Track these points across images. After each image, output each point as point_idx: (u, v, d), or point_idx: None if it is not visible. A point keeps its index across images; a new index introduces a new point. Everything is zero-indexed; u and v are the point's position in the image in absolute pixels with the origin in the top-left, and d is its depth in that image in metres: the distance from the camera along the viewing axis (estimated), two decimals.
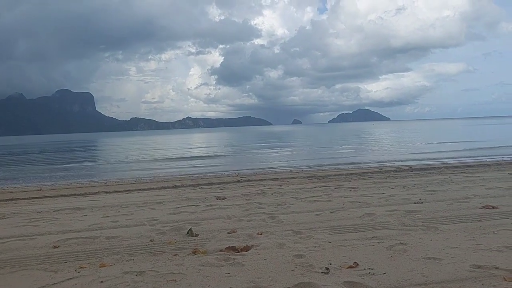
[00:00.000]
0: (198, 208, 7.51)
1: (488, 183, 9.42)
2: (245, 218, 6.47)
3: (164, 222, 6.45)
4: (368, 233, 5.31)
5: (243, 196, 8.79)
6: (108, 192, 10.97)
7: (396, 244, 4.72)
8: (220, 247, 4.88)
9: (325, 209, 6.96)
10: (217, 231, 5.69)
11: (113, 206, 8.30)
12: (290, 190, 9.60)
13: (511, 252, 4.28)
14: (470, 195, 7.80)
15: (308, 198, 8.26)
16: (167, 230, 5.85)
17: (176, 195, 9.44)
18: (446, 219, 5.93)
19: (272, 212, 6.86)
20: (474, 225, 5.53)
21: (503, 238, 4.82)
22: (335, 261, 4.19)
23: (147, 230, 5.92)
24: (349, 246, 4.74)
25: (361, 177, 12.14)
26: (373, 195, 8.27)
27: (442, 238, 4.94)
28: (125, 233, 5.80)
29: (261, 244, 4.90)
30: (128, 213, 7.36)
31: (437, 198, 7.64)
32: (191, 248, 4.88)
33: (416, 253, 4.35)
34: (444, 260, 4.08)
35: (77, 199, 9.94)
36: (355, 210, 6.78)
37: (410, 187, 9.26)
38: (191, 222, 6.29)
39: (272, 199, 8.30)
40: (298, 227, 5.79)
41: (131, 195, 10.12)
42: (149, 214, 7.20)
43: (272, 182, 11.63)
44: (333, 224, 5.86)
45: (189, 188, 10.92)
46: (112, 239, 5.52)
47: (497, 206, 6.66)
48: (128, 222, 6.55)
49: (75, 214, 7.58)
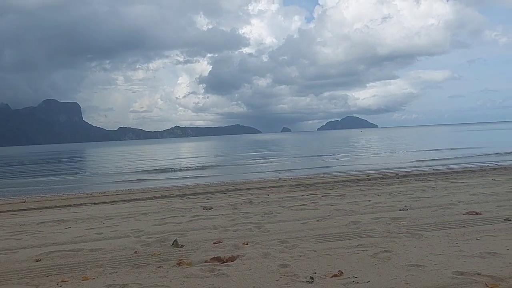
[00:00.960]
0: (184, 219, 7.46)
1: (472, 189, 9.53)
2: (231, 228, 6.44)
3: (149, 233, 6.39)
4: (354, 241, 5.33)
5: (230, 206, 8.76)
6: (93, 204, 10.84)
7: (381, 251, 4.74)
8: (205, 258, 4.84)
9: (311, 218, 6.96)
10: (202, 242, 5.65)
11: (97, 217, 8.21)
12: (277, 199, 9.59)
13: (493, 258, 4.32)
14: (455, 202, 7.88)
15: (295, 206, 8.26)
16: (152, 242, 5.80)
17: (162, 206, 9.37)
18: (430, 225, 5.97)
19: (259, 222, 6.85)
20: (457, 231, 5.58)
21: (485, 244, 4.86)
22: (319, 270, 4.18)
23: (131, 242, 5.86)
24: (334, 254, 4.74)
25: (348, 184, 12.20)
26: (360, 203, 8.30)
27: (426, 245, 4.97)
28: (109, 245, 5.73)
29: (246, 254, 4.88)
30: (112, 225, 7.28)
31: (422, 205, 7.70)
32: (176, 260, 4.84)
33: (400, 261, 4.37)
34: (427, 267, 4.11)
35: (61, 211, 9.80)
36: (341, 218, 6.80)
37: (396, 194, 9.32)
38: (176, 233, 6.24)
39: (259, 208, 8.29)
40: (284, 236, 5.78)
41: (116, 206, 10.02)
42: (134, 225, 7.13)
43: (259, 191, 11.62)
44: (319, 233, 5.86)
45: (176, 199, 10.85)
46: (95, 252, 5.44)
47: (480, 212, 6.73)
48: (112, 234, 6.48)
49: (59, 227, 7.48)
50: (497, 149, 29.89)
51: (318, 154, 36.76)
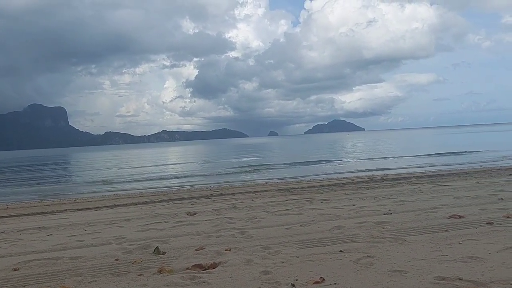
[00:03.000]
0: (167, 225, 7.37)
1: (456, 192, 9.61)
2: (215, 234, 6.38)
3: (131, 240, 6.29)
4: (337, 246, 5.30)
5: (214, 211, 8.69)
6: (77, 210, 10.66)
7: (364, 257, 4.72)
8: (187, 265, 4.77)
9: (295, 223, 6.93)
10: (185, 249, 5.58)
11: (80, 224, 8.07)
12: (262, 203, 9.55)
13: (475, 263, 4.33)
14: (438, 205, 7.92)
15: (279, 211, 8.23)
16: (134, 249, 5.70)
17: (145, 212, 9.26)
18: (413, 230, 5.99)
19: (242, 227, 6.79)
20: (440, 235, 5.60)
21: (468, 248, 4.88)
22: (301, 277, 4.14)
23: (112, 249, 5.75)
24: (316, 260, 4.71)
25: (333, 188, 12.22)
26: (344, 207, 8.30)
27: (408, 249, 4.97)
28: (89, 253, 5.63)
29: (228, 261, 4.82)
30: (94, 232, 7.16)
31: (406, 209, 7.72)
32: (157, 267, 4.76)
33: (382, 266, 4.36)
34: (409, 273, 4.10)
35: (43, 217, 9.62)
36: (325, 223, 6.77)
37: (380, 198, 9.35)
38: (158, 240, 6.15)
39: (243, 213, 8.23)
40: (267, 242, 5.73)
41: (99, 212, 9.88)
42: (117, 232, 7.01)
43: (244, 195, 11.56)
44: (302, 238, 5.83)
45: (160, 204, 10.73)
46: (75, 260, 5.33)
47: (463, 215, 6.77)
48: (94, 241, 6.36)
49: (40, 234, 7.33)
50: (481, 151, 30.31)
51: (305, 158, 36.80)
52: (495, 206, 7.53)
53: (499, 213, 6.82)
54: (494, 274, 3.94)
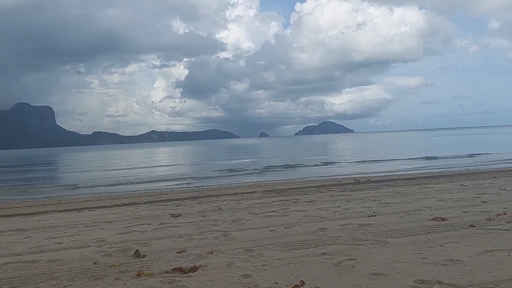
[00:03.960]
0: (149, 227, 7.26)
1: (440, 195, 9.64)
2: (197, 237, 6.29)
3: (111, 242, 6.17)
4: (319, 249, 5.26)
5: (198, 213, 8.60)
6: (58, 211, 10.48)
7: (345, 260, 4.69)
8: (167, 269, 4.69)
9: (279, 225, 6.88)
10: (166, 251, 5.49)
11: (60, 226, 7.92)
12: (248, 205, 9.49)
13: (455, 266, 4.32)
14: (422, 207, 7.94)
15: (264, 213, 8.17)
16: (114, 252, 5.60)
17: (129, 213, 9.13)
18: (396, 232, 5.98)
19: (226, 229, 6.72)
20: (422, 238, 5.59)
21: (448, 251, 4.87)
22: (281, 280, 4.09)
23: (91, 252, 5.64)
24: (298, 263, 4.66)
25: (320, 190, 12.20)
26: (329, 209, 8.28)
27: (390, 252, 4.95)
28: (67, 256, 5.51)
29: (209, 264, 4.75)
30: (74, 234, 7.03)
31: (390, 211, 7.72)
32: (136, 271, 4.66)
33: (363, 269, 4.32)
34: (389, 276, 4.07)
35: (23, 219, 9.43)
36: (309, 225, 6.74)
37: (365, 200, 9.35)
38: (140, 242, 6.05)
39: (228, 215, 8.16)
40: (250, 244, 5.67)
41: (81, 213, 9.72)
42: (97, 234, 6.89)
43: (231, 197, 11.49)
44: (286, 240, 5.78)
45: (144, 206, 10.60)
46: (52, 263, 5.21)
47: (446, 218, 6.78)
48: (73, 244, 6.24)
49: (18, 236, 7.17)
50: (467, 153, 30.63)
51: (294, 159, 36.83)
52: (478, 208, 7.56)
53: (482, 215, 6.84)
54: (473, 278, 3.93)
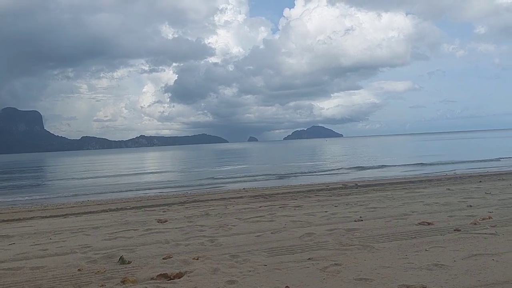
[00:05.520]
0: (135, 233, 7.20)
1: (427, 199, 9.71)
2: (183, 242, 6.25)
3: (97, 249, 6.10)
4: (305, 254, 5.26)
5: (185, 219, 8.55)
6: (44, 217, 10.32)
7: (331, 265, 4.69)
8: (152, 275, 4.65)
9: (266, 230, 6.86)
10: (151, 257, 5.44)
11: (45, 232, 7.81)
12: (235, 210, 9.46)
13: (440, 270, 4.35)
14: (408, 212, 7.99)
15: (251, 218, 8.15)
16: (99, 258, 5.53)
17: (115, 219, 9.03)
18: (382, 237, 6.00)
19: (213, 235, 6.69)
20: (408, 242, 5.62)
21: (434, 256, 4.91)
22: (266, 286, 4.08)
23: (76, 259, 5.57)
24: (284, 269, 4.65)
25: (307, 195, 12.21)
26: (316, 214, 8.29)
27: (376, 257, 4.97)
28: (52, 263, 5.43)
29: (195, 270, 4.72)
30: (60, 240, 6.93)
31: (376, 216, 7.76)
32: (121, 277, 4.62)
33: (348, 274, 4.33)
34: (374, 281, 4.08)
35: (8, 225, 9.28)
36: (296, 230, 6.73)
37: (353, 205, 9.38)
38: (125, 248, 5.99)
39: (215, 220, 8.12)
40: (237, 250, 5.65)
41: (67, 219, 9.59)
42: (83, 240, 6.81)
43: (218, 202, 11.43)
44: (272, 246, 5.77)
45: (131, 211, 10.49)
46: (36, 270, 5.14)
47: (432, 222, 6.83)
48: (58, 250, 6.15)
49: (2, 243, 7.05)
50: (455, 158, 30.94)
51: (282, 164, 36.86)
52: (464, 213, 7.64)
53: (467, 220, 6.90)
54: (458, 282, 3.96)
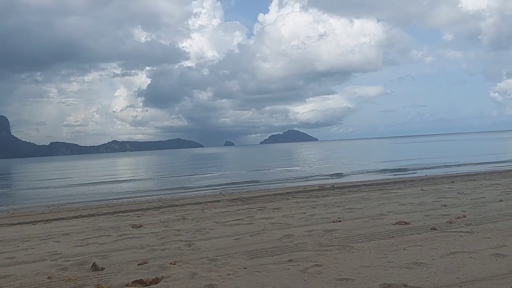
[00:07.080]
0: (109, 239, 6.95)
1: (402, 199, 9.82)
2: (160, 247, 6.07)
3: (67, 256, 5.85)
4: (285, 256, 5.18)
5: (161, 223, 8.34)
6: (11, 225, 9.88)
7: (311, 266, 4.62)
8: (127, 281, 4.47)
9: (245, 233, 6.75)
10: (126, 263, 5.24)
11: (12, 240, 7.46)
12: (212, 214, 9.31)
13: (419, 269, 4.34)
14: (385, 212, 8.04)
15: (229, 222, 8.02)
16: (70, 265, 5.29)
17: (87, 225, 8.72)
18: (361, 237, 5.99)
19: (190, 239, 6.53)
20: (386, 242, 5.62)
21: (412, 254, 4.91)
22: None
23: (46, 266, 5.31)
24: (264, 271, 4.55)
25: (285, 197, 12.18)
26: (295, 215, 8.24)
27: (356, 257, 4.93)
28: (20, 271, 5.16)
29: (172, 275, 4.56)
30: (28, 247, 6.62)
31: (354, 216, 7.77)
32: (94, 284, 4.42)
33: (329, 275, 4.27)
34: (356, 281, 4.03)
35: None
36: (274, 232, 6.65)
37: (330, 206, 9.39)
38: (98, 255, 5.77)
39: (192, 225, 7.95)
40: (215, 253, 5.51)
41: (36, 226, 9.21)
42: (53, 247, 6.52)
43: (195, 206, 11.25)
44: (251, 249, 5.66)
45: (104, 217, 10.18)
46: (3, 279, 4.86)
47: (409, 221, 6.88)
48: (26, 258, 5.87)
49: None
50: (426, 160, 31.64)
51: (259, 168, 36.82)
52: (439, 212, 7.74)
53: (442, 219, 6.98)
54: (438, 280, 3.96)
